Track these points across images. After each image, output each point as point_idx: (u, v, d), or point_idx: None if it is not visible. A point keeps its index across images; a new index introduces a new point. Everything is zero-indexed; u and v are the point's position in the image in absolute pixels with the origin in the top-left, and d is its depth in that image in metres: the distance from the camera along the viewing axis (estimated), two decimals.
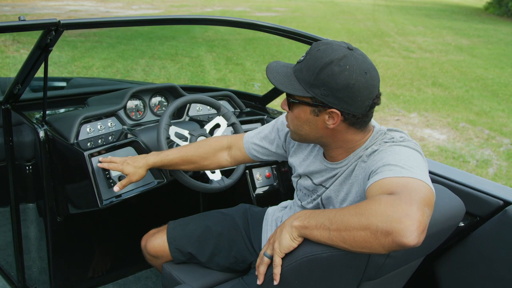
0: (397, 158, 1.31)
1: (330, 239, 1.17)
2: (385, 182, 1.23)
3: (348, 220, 1.14)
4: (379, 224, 1.08)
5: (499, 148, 5.47)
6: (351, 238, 1.13)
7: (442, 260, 1.82)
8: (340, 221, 1.16)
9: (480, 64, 10.25)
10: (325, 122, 1.41)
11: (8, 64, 7.70)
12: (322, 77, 1.34)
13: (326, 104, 1.37)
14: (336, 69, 1.33)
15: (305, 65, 1.38)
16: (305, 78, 1.38)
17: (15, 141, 2.15)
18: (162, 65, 8.29)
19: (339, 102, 1.36)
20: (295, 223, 1.25)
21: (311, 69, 1.36)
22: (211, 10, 16.09)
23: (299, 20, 15.16)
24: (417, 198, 1.13)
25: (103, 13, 14.07)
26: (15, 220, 2.24)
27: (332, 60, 1.34)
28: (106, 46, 9.29)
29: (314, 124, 1.44)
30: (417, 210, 1.10)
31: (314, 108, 1.40)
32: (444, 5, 24.67)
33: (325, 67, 1.34)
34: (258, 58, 9.18)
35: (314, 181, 1.62)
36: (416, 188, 1.18)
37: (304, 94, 1.38)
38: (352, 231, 1.12)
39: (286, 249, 1.26)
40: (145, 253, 2.02)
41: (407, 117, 6.38)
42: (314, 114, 1.41)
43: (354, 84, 1.33)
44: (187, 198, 2.65)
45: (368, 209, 1.13)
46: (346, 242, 1.14)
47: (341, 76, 1.33)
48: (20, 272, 2.31)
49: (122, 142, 2.08)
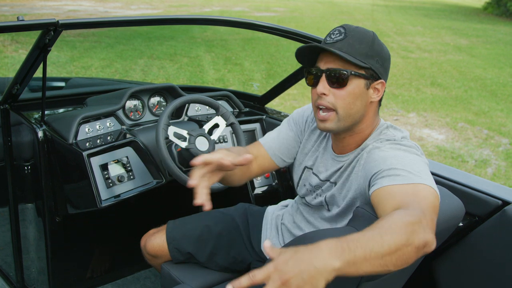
0: (402, 162, 1.30)
1: (382, 266, 1.00)
2: (395, 189, 1.23)
3: (390, 240, 1.01)
4: (419, 236, 1.04)
5: (497, 148, 5.47)
6: (400, 257, 1.02)
7: (441, 260, 1.82)
8: (386, 243, 1.01)
9: (478, 64, 10.25)
10: (371, 96, 1.45)
11: (7, 64, 7.69)
12: (376, 47, 1.41)
13: (377, 75, 1.42)
14: (380, 41, 1.43)
15: (355, 40, 1.39)
16: (360, 50, 1.39)
17: (13, 141, 2.15)
18: (161, 65, 8.29)
19: (385, 72, 1.44)
20: (335, 263, 0.95)
21: (365, 41, 1.39)
22: (210, 10, 16.08)
23: (297, 20, 15.16)
24: (427, 206, 1.16)
25: (102, 13, 14.05)
26: (14, 220, 2.24)
27: (373, 33, 1.43)
28: (105, 46, 9.28)
29: (365, 99, 1.44)
30: (430, 220, 1.11)
31: (367, 80, 1.42)
32: (443, 5, 24.69)
33: (374, 38, 1.42)
34: (257, 58, 9.18)
35: (320, 176, 1.62)
36: (426, 196, 1.20)
37: (363, 65, 1.39)
38: (402, 249, 1.02)
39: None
40: (144, 253, 2.02)
41: (406, 117, 6.38)
42: (366, 87, 1.43)
43: (389, 55, 1.46)
44: (186, 198, 2.64)
45: (397, 226, 1.05)
46: (397, 264, 1.02)
47: (385, 47, 1.44)
48: (19, 272, 2.31)
49: (120, 142, 2.08)
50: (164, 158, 1.89)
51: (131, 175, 2.07)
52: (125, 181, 2.05)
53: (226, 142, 2.38)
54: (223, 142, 2.38)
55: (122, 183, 2.04)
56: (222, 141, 2.37)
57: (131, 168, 2.08)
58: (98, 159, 1.99)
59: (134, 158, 2.11)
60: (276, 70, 8.35)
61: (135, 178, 2.09)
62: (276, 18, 15.18)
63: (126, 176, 2.06)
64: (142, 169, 2.12)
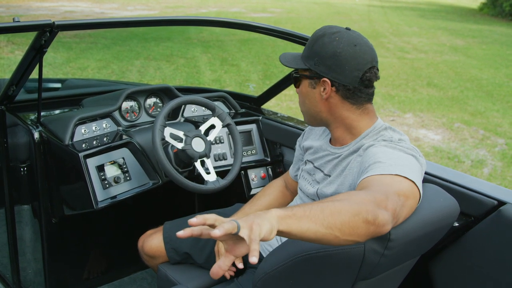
0: (389, 156, 1.35)
1: (324, 225, 1.07)
2: (373, 179, 1.28)
3: (339, 205, 1.10)
4: (368, 208, 1.10)
5: (493, 148, 5.48)
6: (346, 223, 1.08)
7: (436, 260, 1.83)
8: (331, 205, 1.09)
9: (475, 65, 10.28)
10: (320, 94, 1.51)
11: (3, 65, 7.68)
12: (315, 48, 1.49)
13: (319, 73, 1.48)
14: (326, 40, 1.47)
15: (306, 44, 1.55)
16: (303, 54, 1.55)
17: (9, 142, 2.15)
18: (157, 66, 8.28)
19: (329, 71, 1.47)
20: (276, 212, 1.06)
21: (308, 45, 1.53)
22: (206, 11, 16.08)
23: (294, 21, 15.16)
24: (390, 190, 1.20)
25: (98, 14, 14.04)
26: (10, 221, 2.24)
27: (325, 33, 1.49)
28: (101, 47, 9.27)
29: (312, 97, 1.54)
30: (390, 200, 1.15)
31: (310, 80, 1.53)
32: (439, 5, 24.74)
33: (317, 39, 1.50)
34: (253, 59, 9.18)
35: (314, 164, 1.67)
36: (390, 183, 1.24)
37: (301, 66, 1.53)
38: (346, 215, 1.08)
39: (267, 233, 1.02)
40: (142, 253, 2.02)
41: (402, 118, 6.40)
42: (312, 87, 1.53)
43: (340, 53, 1.45)
44: (182, 199, 2.65)
45: (351, 198, 1.14)
46: (341, 229, 1.08)
47: (330, 45, 1.46)
48: (15, 274, 2.31)
49: (117, 143, 2.08)
50: (160, 159, 1.89)
51: (127, 176, 2.07)
52: (122, 182, 2.05)
53: (222, 143, 2.39)
54: (219, 143, 2.38)
55: (119, 184, 2.04)
56: (219, 142, 2.38)
57: (127, 169, 2.08)
58: (94, 160, 1.99)
59: (131, 159, 2.11)
60: (272, 71, 8.35)
61: (131, 179, 2.09)
62: (272, 19, 15.18)
63: (123, 177, 2.06)
64: (139, 170, 2.12)
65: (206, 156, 2.01)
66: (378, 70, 1.50)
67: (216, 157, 2.35)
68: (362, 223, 1.09)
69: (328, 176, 1.58)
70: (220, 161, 2.36)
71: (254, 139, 2.49)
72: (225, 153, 2.38)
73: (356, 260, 1.23)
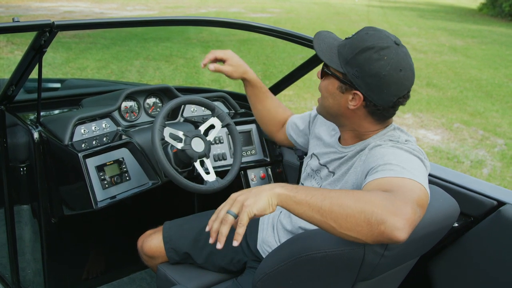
0: (399, 159, 1.32)
1: (320, 213, 1.11)
2: (384, 181, 1.25)
3: (345, 199, 1.11)
4: (376, 210, 1.08)
5: (493, 148, 5.49)
6: (344, 217, 1.09)
7: (436, 260, 1.83)
8: (336, 197, 1.12)
9: (474, 65, 10.28)
10: (347, 102, 1.47)
11: (2, 65, 7.68)
12: (359, 58, 1.40)
13: (354, 85, 1.42)
14: (374, 56, 1.38)
15: (349, 43, 1.44)
16: (344, 54, 1.44)
17: (9, 142, 2.14)
18: (157, 66, 8.28)
19: (366, 87, 1.41)
20: (278, 190, 1.16)
21: (352, 48, 1.42)
22: (205, 11, 16.08)
23: (293, 21, 15.17)
24: (412, 197, 1.16)
25: (98, 14, 14.04)
26: (9, 221, 2.24)
27: (374, 46, 1.39)
28: (101, 47, 9.27)
29: (338, 100, 1.49)
30: (411, 209, 1.11)
31: (342, 84, 1.46)
32: (438, 6, 24.77)
33: (365, 50, 1.39)
34: (253, 59, 9.18)
35: (320, 161, 1.66)
36: (412, 189, 1.20)
37: (338, 68, 1.44)
38: (347, 210, 1.09)
39: (260, 212, 1.15)
40: (141, 253, 2.02)
41: (402, 118, 6.40)
42: (341, 91, 1.47)
43: (385, 76, 1.38)
44: (182, 199, 2.65)
45: (365, 196, 1.12)
46: (337, 221, 1.10)
47: (376, 64, 1.38)
48: (15, 274, 2.30)
49: (116, 143, 2.08)
50: (159, 159, 1.89)
51: (126, 176, 2.07)
52: (121, 182, 2.05)
53: (222, 143, 2.39)
54: (219, 143, 2.38)
55: (118, 184, 2.04)
56: (218, 142, 2.38)
57: (126, 169, 2.08)
58: (94, 160, 1.99)
59: (130, 159, 2.11)
60: (272, 71, 8.35)
61: (131, 179, 2.09)
62: (272, 19, 15.19)
63: (122, 177, 2.06)
64: (138, 170, 2.12)
65: (205, 156, 2.01)
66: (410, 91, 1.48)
67: (216, 157, 2.35)
68: (363, 222, 1.08)
69: (333, 174, 1.59)
70: (220, 161, 2.36)
71: (253, 139, 2.49)
72: (224, 153, 2.38)
73: (356, 260, 1.22)
